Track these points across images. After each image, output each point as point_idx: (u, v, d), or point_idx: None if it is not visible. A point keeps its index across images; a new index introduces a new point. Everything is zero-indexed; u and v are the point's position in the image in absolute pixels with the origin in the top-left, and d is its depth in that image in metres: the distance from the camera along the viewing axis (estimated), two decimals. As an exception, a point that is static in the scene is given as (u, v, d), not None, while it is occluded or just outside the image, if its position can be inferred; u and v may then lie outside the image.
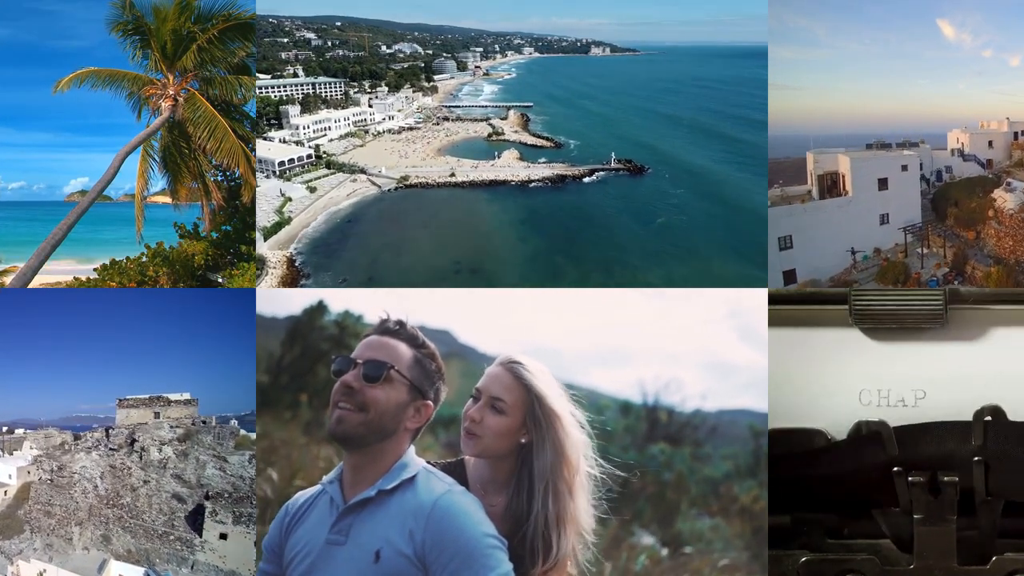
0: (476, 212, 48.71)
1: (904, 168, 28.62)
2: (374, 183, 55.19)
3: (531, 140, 67.55)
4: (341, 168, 58.17)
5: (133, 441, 18.73)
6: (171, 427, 18.90)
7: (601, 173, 57.29)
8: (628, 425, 12.15)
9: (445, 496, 2.93)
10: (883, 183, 27.18)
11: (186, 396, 20.94)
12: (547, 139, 67.55)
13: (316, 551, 3.02)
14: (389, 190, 54.11)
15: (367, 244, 41.99)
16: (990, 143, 37.17)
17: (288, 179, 53.82)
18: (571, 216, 46.63)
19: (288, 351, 13.00)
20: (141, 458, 18.35)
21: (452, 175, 55.95)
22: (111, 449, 18.81)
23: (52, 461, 18.90)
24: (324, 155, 60.28)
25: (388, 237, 42.73)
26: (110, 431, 19.68)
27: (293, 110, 65.51)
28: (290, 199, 49.77)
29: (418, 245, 40.80)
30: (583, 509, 3.22)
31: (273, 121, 62.65)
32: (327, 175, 56.78)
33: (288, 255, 40.70)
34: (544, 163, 59.36)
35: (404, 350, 3.09)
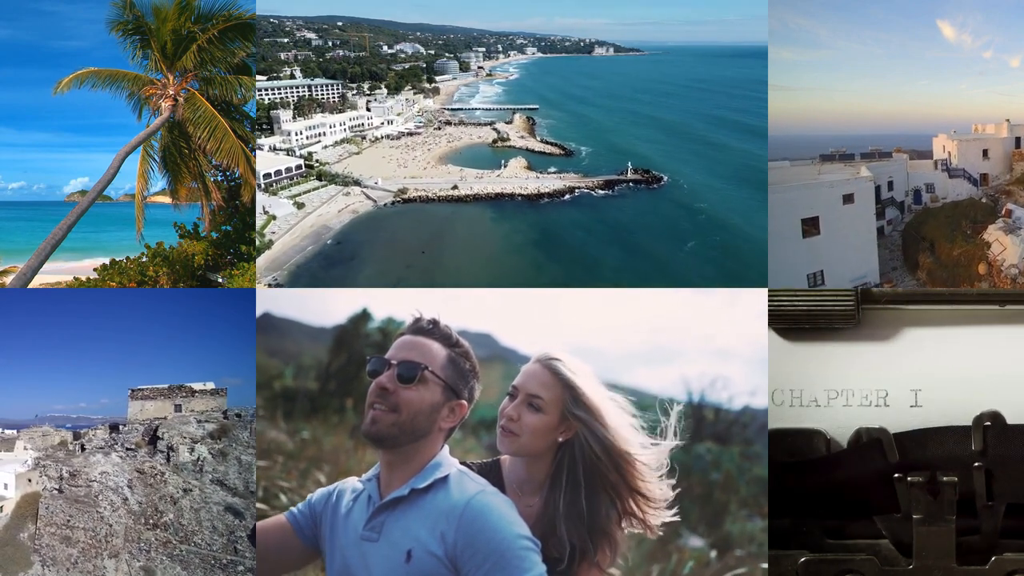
0: (481, 232, 43.81)
1: (848, 199, 19.68)
2: (369, 197, 50.76)
3: (539, 147, 64.20)
4: (333, 180, 53.63)
5: (155, 439, 16.07)
6: (198, 422, 16.39)
7: (618, 186, 53.07)
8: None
9: (478, 497, 2.92)
10: (812, 224, 18.89)
11: (210, 385, 18.44)
12: (556, 145, 64.11)
13: (352, 547, 3.05)
14: (385, 204, 49.71)
15: (357, 274, 37.31)
16: (985, 152, 29.82)
17: (274, 193, 49.03)
18: (587, 237, 42.08)
19: (335, 358, 13.24)
20: (169, 459, 15.39)
21: (454, 188, 51.85)
22: (129, 449, 15.95)
23: (60, 465, 15.40)
24: (316, 164, 56.18)
25: (381, 265, 38.34)
26: (121, 427, 17.22)
27: (285, 115, 61.91)
28: (274, 217, 44.75)
29: (416, 276, 36.30)
30: (651, 494, 3.20)
31: (265, 126, 58.63)
32: (318, 187, 52.23)
33: (265, 288, 34.74)
34: (554, 173, 55.93)
35: (438, 350, 3.10)
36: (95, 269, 19.36)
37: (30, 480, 15.85)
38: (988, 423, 4.99)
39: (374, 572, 2.96)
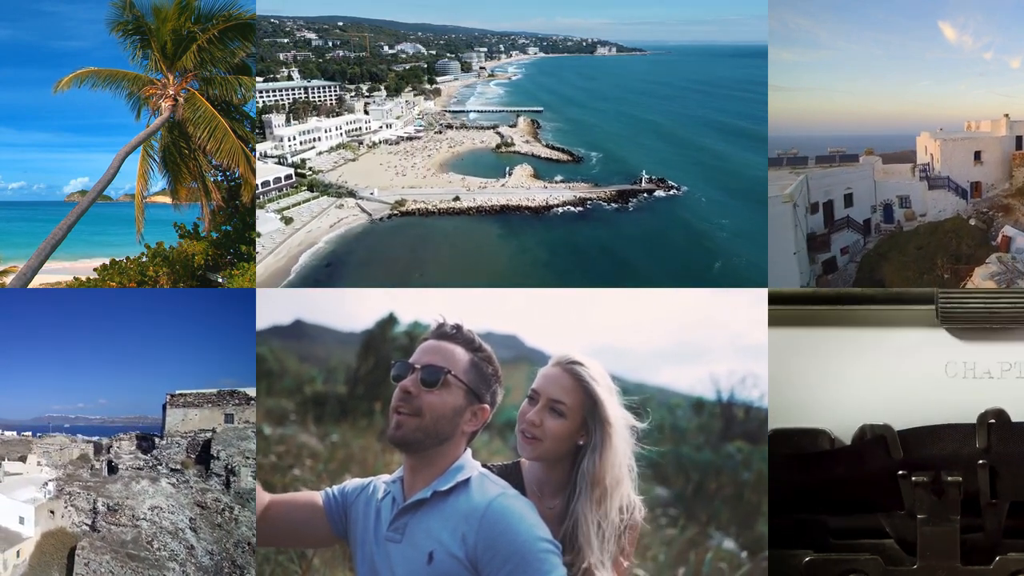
0: (485, 252, 39.98)
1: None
2: (364, 209, 47.26)
3: (545, 152, 61.24)
4: (326, 190, 50.11)
5: (207, 457, 13.04)
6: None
7: (633, 197, 49.41)
8: (702, 423, 11.76)
9: (498, 499, 2.94)
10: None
11: (264, 390, 15.71)
12: (563, 151, 61.26)
13: (377, 546, 3.09)
14: (381, 218, 46.13)
15: (344, 308, 33.82)
16: (977, 154, 23.99)
17: (261, 206, 45.12)
18: (602, 257, 38.19)
19: (363, 363, 13.31)
20: (229, 486, 12.32)
21: (456, 199, 48.47)
22: (174, 470, 12.99)
23: (92, 494, 12.03)
24: (309, 172, 53.19)
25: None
26: (156, 439, 14.30)
27: (277, 119, 59.06)
28: (258, 235, 39.94)
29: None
30: (609, 518, 3.18)
31: (256, 131, 53.13)
32: (308, 200, 48.69)
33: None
34: (562, 182, 52.64)
35: (461, 354, 3.13)
36: (95, 269, 19.36)
37: (52, 512, 12.10)
38: (992, 420, 4.97)
39: (397, 572, 3.00)
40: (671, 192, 50.45)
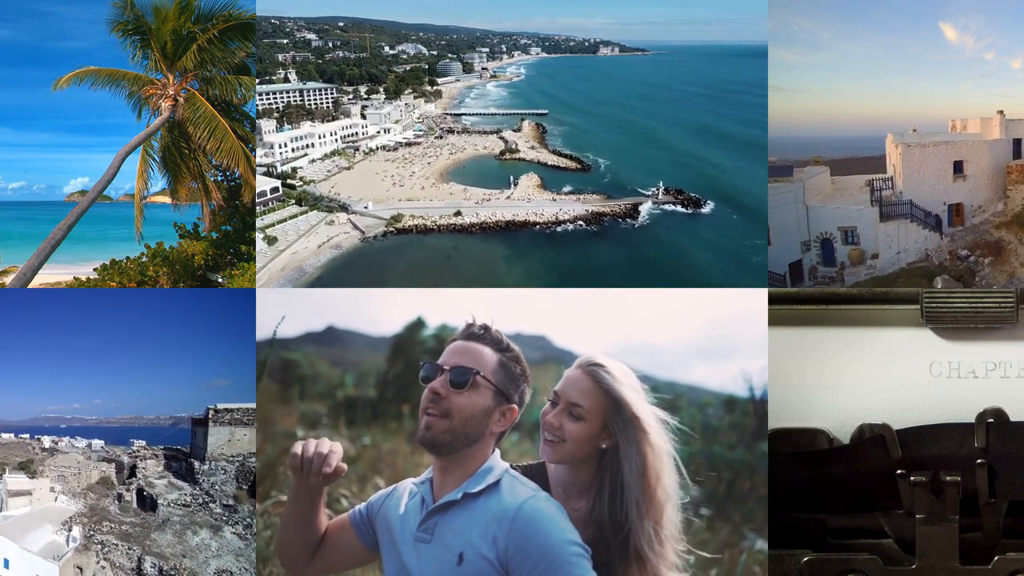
0: (491, 275, 36.31)
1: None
2: (356, 226, 43.43)
3: (552, 159, 57.65)
4: (316, 204, 46.28)
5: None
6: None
7: (647, 208, 45.80)
8: (734, 421, 11.67)
9: (529, 502, 2.94)
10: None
11: (328, 407, 13.99)
12: (571, 158, 57.71)
13: (407, 546, 3.10)
14: (375, 237, 42.29)
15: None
16: (958, 166, 17.38)
17: None
18: (620, 283, 34.41)
19: (392, 366, 13.40)
20: None
21: (458, 214, 44.62)
22: (227, 506, 11.18)
23: (135, 547, 9.42)
24: (299, 182, 49.74)
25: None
26: (197, 464, 12.28)
27: (268, 125, 55.72)
28: None
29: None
30: (668, 521, 3.15)
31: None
32: (296, 215, 44.70)
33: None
34: (571, 193, 48.81)
35: (489, 355, 3.13)
36: (95, 269, 19.37)
37: (80, 570, 9.71)
38: (991, 420, 4.98)
39: (427, 572, 3.01)
40: (690, 209, 46.56)
